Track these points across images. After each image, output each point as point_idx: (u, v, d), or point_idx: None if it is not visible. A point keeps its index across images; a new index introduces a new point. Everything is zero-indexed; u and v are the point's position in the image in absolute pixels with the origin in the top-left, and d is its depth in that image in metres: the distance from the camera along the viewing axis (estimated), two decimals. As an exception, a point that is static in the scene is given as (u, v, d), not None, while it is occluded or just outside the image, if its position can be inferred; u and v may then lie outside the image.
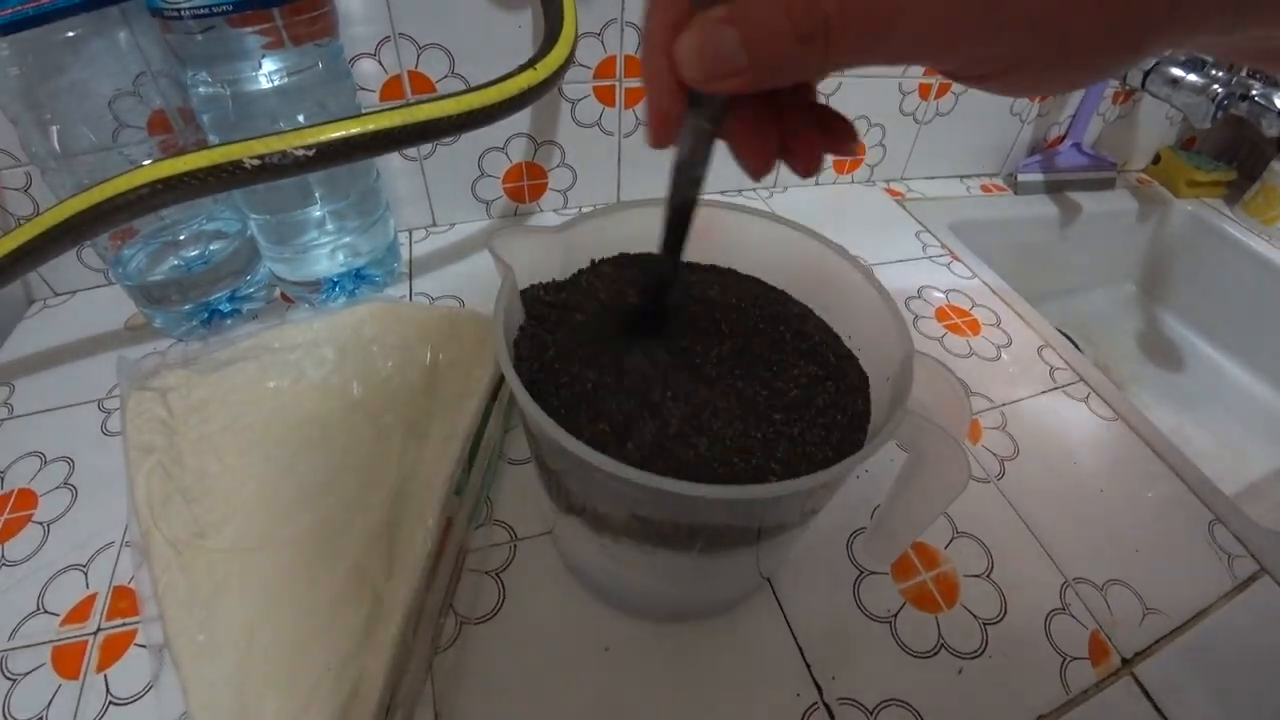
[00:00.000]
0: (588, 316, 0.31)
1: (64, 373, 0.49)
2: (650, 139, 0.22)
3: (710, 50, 0.18)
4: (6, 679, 0.33)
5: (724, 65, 0.17)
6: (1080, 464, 0.46)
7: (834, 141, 0.23)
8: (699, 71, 0.18)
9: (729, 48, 0.17)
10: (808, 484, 0.22)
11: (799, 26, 0.16)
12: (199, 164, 0.37)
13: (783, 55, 0.17)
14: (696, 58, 0.18)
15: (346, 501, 0.34)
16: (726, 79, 0.18)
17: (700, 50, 0.18)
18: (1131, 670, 0.36)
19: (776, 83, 0.18)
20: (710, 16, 0.17)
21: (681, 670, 0.34)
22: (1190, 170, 0.82)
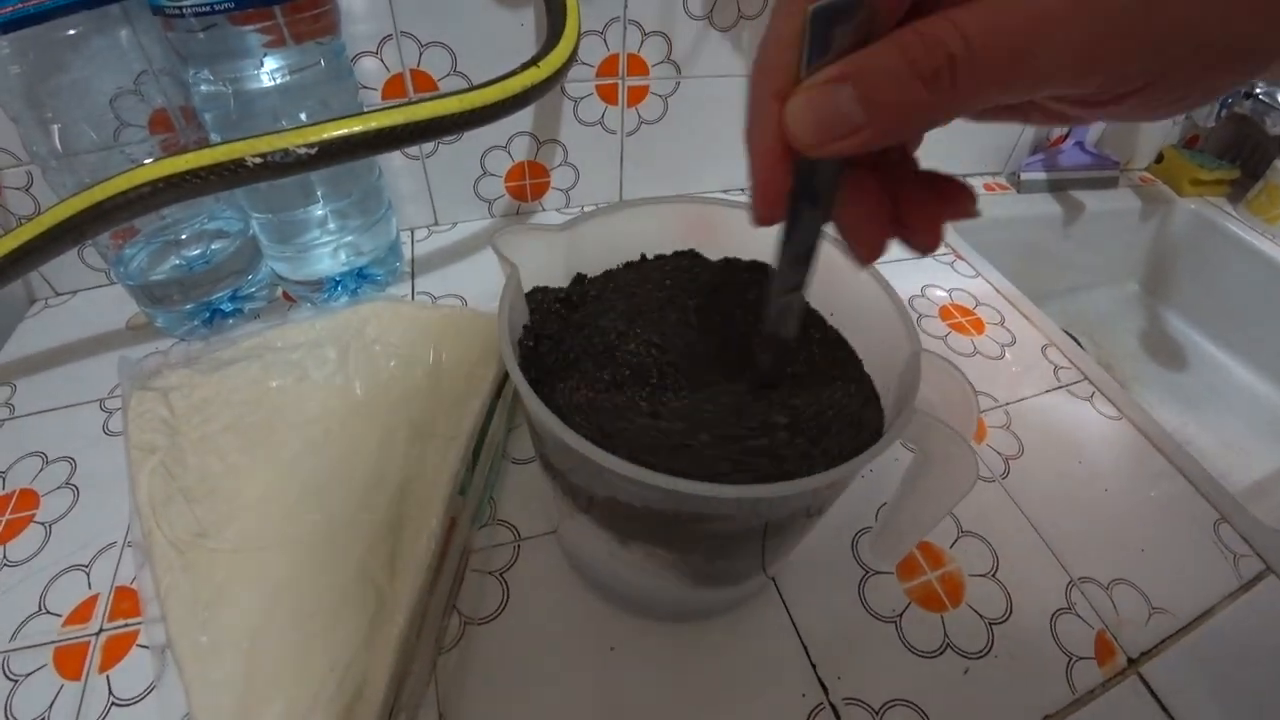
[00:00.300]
0: (593, 316, 0.30)
1: (65, 372, 0.49)
2: (756, 216, 0.21)
3: (824, 109, 0.17)
4: (9, 680, 0.33)
5: (840, 124, 0.16)
6: (1085, 463, 0.46)
7: (952, 207, 0.21)
8: (812, 133, 0.17)
9: (844, 105, 0.16)
10: (815, 484, 0.22)
11: (921, 68, 0.15)
12: (201, 162, 0.36)
13: (906, 102, 0.16)
14: (809, 118, 0.17)
15: (349, 502, 0.34)
16: (844, 139, 0.17)
17: (813, 110, 0.17)
18: (1138, 670, 0.36)
19: (901, 136, 0.17)
20: (821, 76, 0.16)
21: (687, 670, 0.34)
22: (1193, 169, 0.82)
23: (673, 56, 0.58)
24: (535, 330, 0.30)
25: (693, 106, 0.62)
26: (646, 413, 0.26)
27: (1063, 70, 0.15)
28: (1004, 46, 0.15)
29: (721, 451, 0.24)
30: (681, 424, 0.25)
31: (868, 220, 0.21)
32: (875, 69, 0.16)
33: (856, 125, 0.16)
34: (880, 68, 0.16)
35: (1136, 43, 0.15)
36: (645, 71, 0.58)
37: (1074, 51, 0.15)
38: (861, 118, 0.16)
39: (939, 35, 0.15)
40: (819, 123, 0.17)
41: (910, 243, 0.21)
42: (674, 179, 0.68)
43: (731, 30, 0.58)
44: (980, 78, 0.15)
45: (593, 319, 0.31)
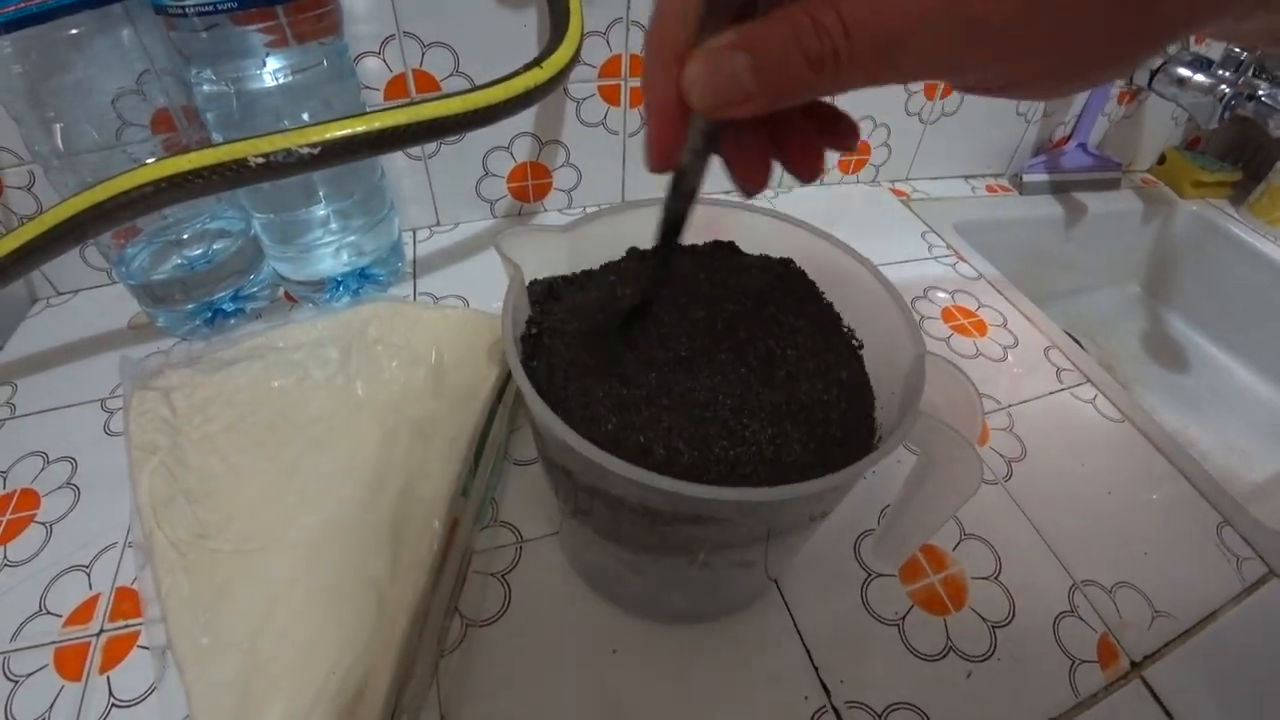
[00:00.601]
0: (596, 316, 0.30)
1: (67, 372, 0.49)
2: (651, 165, 0.22)
3: (720, 77, 0.18)
4: (9, 680, 0.33)
5: (734, 92, 0.18)
6: (1088, 465, 0.46)
7: (833, 139, 0.22)
8: (709, 99, 0.18)
9: (740, 74, 0.17)
10: (819, 487, 0.21)
11: (809, 52, 0.16)
12: (203, 162, 0.36)
13: (793, 80, 0.17)
14: (707, 85, 0.18)
15: (351, 503, 0.34)
16: (738, 105, 0.18)
17: (710, 77, 0.18)
18: (1141, 674, 0.36)
19: (785, 105, 0.18)
20: (718, 44, 0.17)
21: (689, 673, 0.34)
22: (1195, 171, 0.82)
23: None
24: (537, 320, 0.30)
25: (695, 107, 0.62)
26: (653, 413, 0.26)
27: (933, 65, 0.16)
28: (880, 43, 0.16)
29: (727, 453, 0.24)
30: (687, 426, 0.25)
31: (751, 155, 0.22)
32: (769, 44, 0.17)
33: (749, 93, 0.17)
34: (774, 44, 0.17)
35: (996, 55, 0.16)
36: (648, 72, 0.58)
37: (941, 56, 0.16)
38: (753, 87, 0.17)
39: (826, 23, 0.16)
40: (715, 89, 0.18)
41: (793, 171, 0.23)
42: (676, 180, 0.68)
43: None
44: (860, 67, 0.16)
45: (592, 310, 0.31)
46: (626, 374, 0.27)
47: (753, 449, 0.25)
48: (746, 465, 0.24)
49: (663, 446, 0.24)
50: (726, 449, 0.24)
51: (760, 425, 0.25)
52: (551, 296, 0.32)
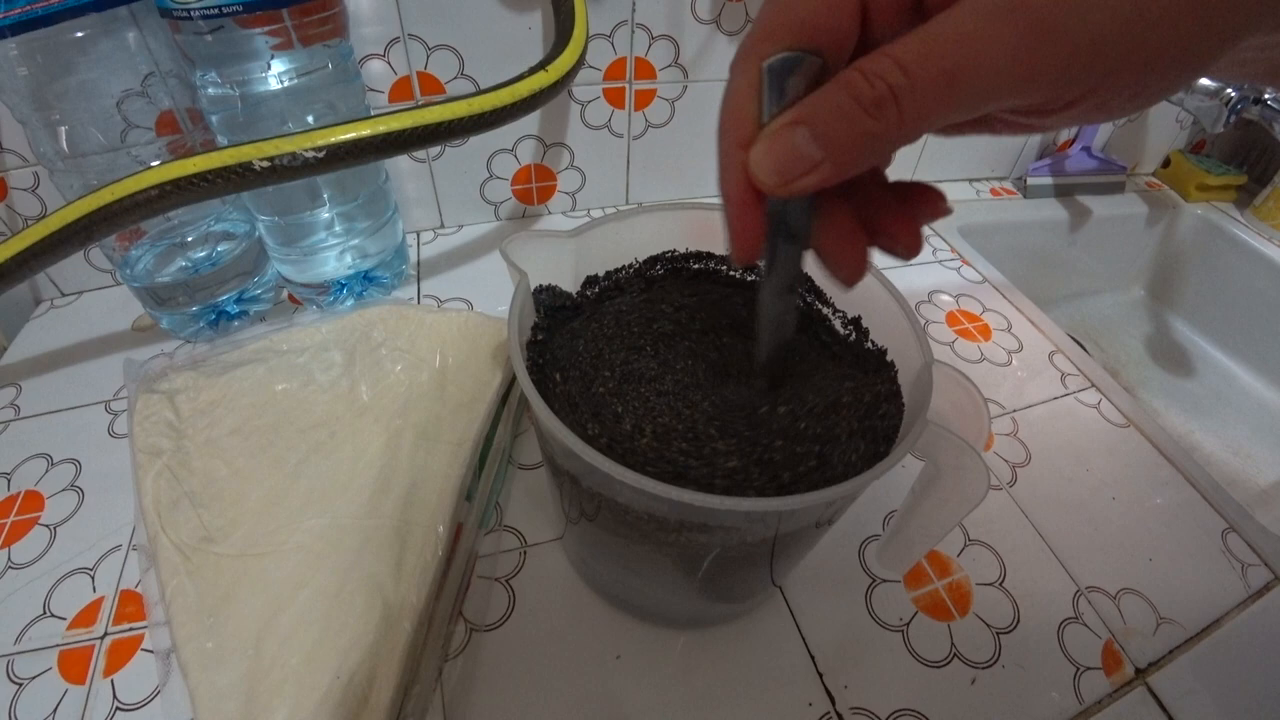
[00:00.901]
0: (603, 322, 0.30)
1: (71, 374, 0.49)
2: (736, 257, 0.22)
3: (783, 152, 0.18)
4: (13, 683, 0.33)
5: (799, 163, 0.18)
6: (1092, 471, 0.46)
7: (926, 209, 0.22)
8: (775, 175, 0.18)
9: (801, 145, 0.17)
10: (827, 497, 0.21)
11: (864, 99, 0.16)
12: (208, 166, 0.36)
13: (856, 134, 0.17)
14: (770, 162, 0.18)
15: (355, 507, 0.34)
16: (805, 176, 0.18)
17: (773, 153, 0.18)
18: (1145, 681, 0.35)
19: (859, 167, 0.18)
20: (777, 124, 0.18)
21: (693, 679, 0.34)
22: (1200, 174, 0.82)
23: (680, 60, 0.58)
24: (544, 325, 0.30)
25: (700, 110, 0.62)
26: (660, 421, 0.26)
27: (999, 87, 0.16)
28: (938, 71, 0.16)
29: (734, 462, 0.24)
30: (694, 433, 0.25)
31: (844, 243, 0.22)
32: (825, 108, 0.17)
33: (815, 162, 0.17)
34: (830, 107, 0.17)
35: (1062, 54, 0.15)
36: (653, 75, 0.58)
37: (1007, 71, 0.16)
38: (819, 154, 0.17)
39: (878, 69, 0.16)
40: (780, 164, 0.18)
41: (893, 251, 0.22)
42: (681, 183, 0.68)
43: (739, 34, 0.58)
44: (922, 102, 0.16)
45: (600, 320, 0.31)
46: (634, 383, 0.27)
47: (762, 457, 0.25)
48: (757, 474, 0.24)
49: (669, 455, 0.24)
50: (734, 458, 0.24)
51: (768, 435, 0.25)
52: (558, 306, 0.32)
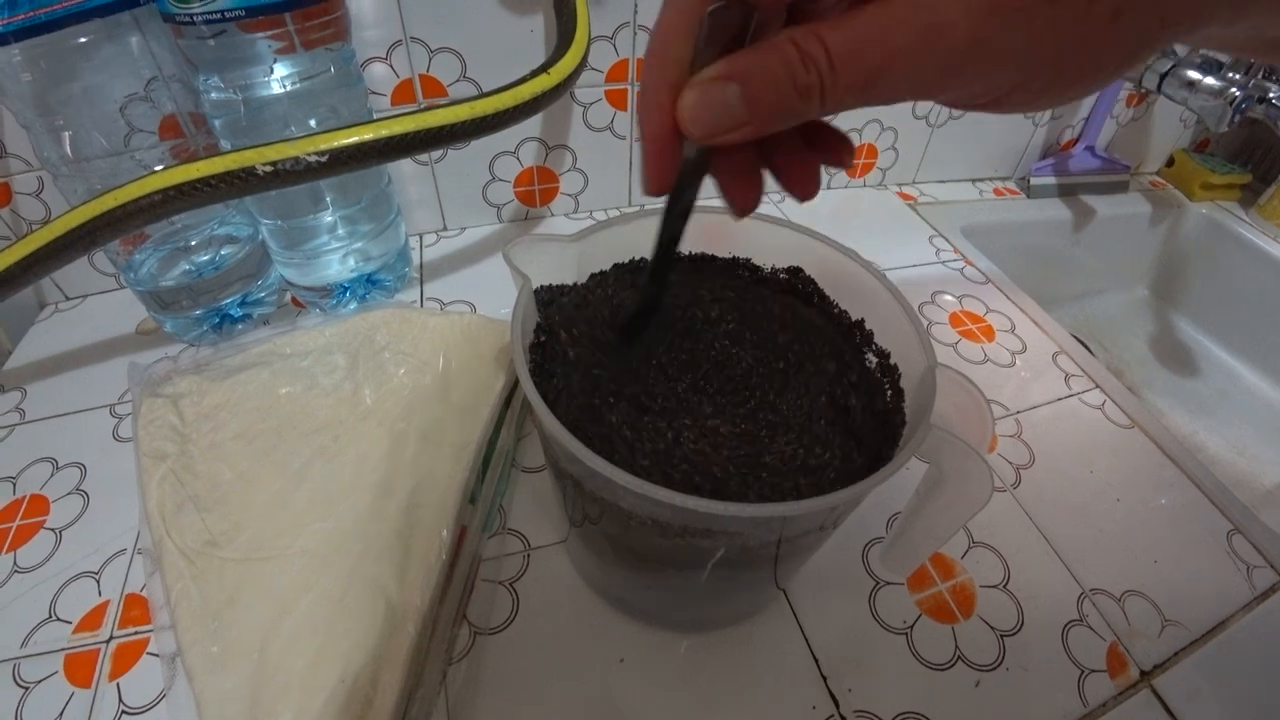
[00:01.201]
0: (605, 325, 0.30)
1: (75, 377, 0.49)
2: (647, 189, 0.23)
3: (714, 107, 0.18)
4: (19, 687, 0.33)
5: (727, 120, 0.18)
6: (1096, 472, 0.46)
7: (827, 155, 0.23)
8: (704, 127, 0.19)
9: (732, 104, 0.18)
10: (831, 502, 0.21)
11: (797, 81, 0.17)
12: (211, 171, 0.37)
13: (783, 108, 0.18)
14: (701, 114, 0.19)
15: (359, 511, 0.34)
16: (730, 132, 0.19)
17: (704, 107, 0.19)
18: (1150, 683, 0.35)
19: (774, 130, 0.19)
20: (710, 75, 0.18)
21: (696, 682, 0.34)
22: (1205, 173, 0.81)
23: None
24: (545, 328, 0.30)
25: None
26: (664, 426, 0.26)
27: (914, 91, 0.18)
28: (862, 75, 0.17)
29: (738, 467, 0.24)
30: (698, 438, 0.25)
31: (740, 179, 0.23)
32: (760, 72, 0.18)
33: (741, 121, 0.18)
34: (764, 72, 0.18)
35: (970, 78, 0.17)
36: (655, 77, 0.58)
37: (917, 81, 0.17)
38: (745, 115, 0.18)
39: (812, 53, 0.17)
40: (710, 118, 0.19)
41: (789, 189, 0.23)
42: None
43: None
44: (841, 95, 0.17)
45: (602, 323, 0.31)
46: (636, 388, 0.27)
47: (766, 462, 0.25)
48: (758, 479, 0.24)
49: (673, 461, 0.24)
50: (737, 463, 0.24)
51: (771, 439, 0.25)
52: (559, 303, 0.32)
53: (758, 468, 0.25)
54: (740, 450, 0.25)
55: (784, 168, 0.23)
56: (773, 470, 0.25)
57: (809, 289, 0.34)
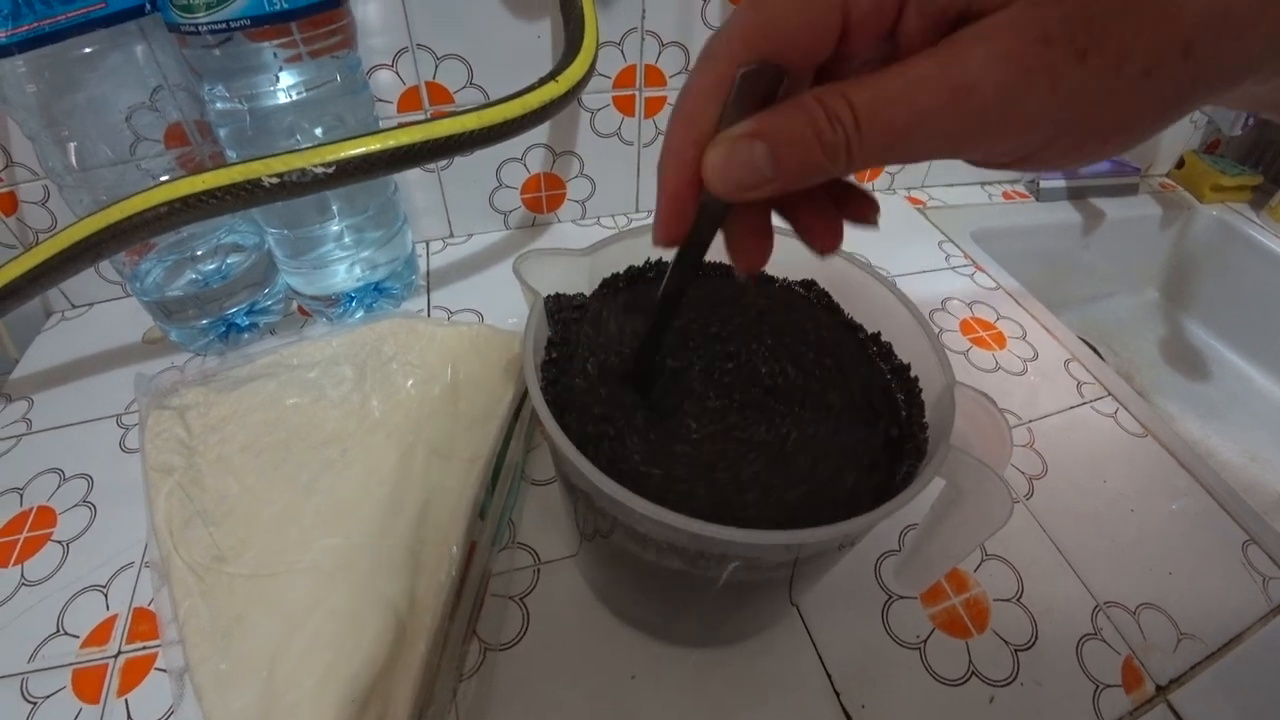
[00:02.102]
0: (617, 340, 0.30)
1: (82, 387, 0.49)
2: (659, 240, 0.23)
3: (739, 164, 0.18)
4: (27, 702, 0.33)
5: (753, 177, 0.18)
6: (1110, 482, 0.45)
7: (852, 211, 0.23)
8: (730, 184, 0.19)
9: (758, 161, 0.18)
10: (848, 529, 0.21)
11: (824, 140, 0.17)
12: (217, 183, 0.36)
13: (809, 167, 0.18)
14: (727, 171, 0.19)
15: (368, 526, 0.34)
16: (756, 189, 0.19)
17: (730, 164, 0.19)
18: (1167, 698, 0.35)
19: (800, 187, 0.19)
20: (737, 133, 0.18)
21: (709, 698, 0.33)
22: (1215, 174, 0.81)
23: (691, 67, 0.57)
24: (557, 344, 0.30)
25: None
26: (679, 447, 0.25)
27: (936, 152, 0.18)
28: (888, 131, 0.17)
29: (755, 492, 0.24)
30: (713, 459, 0.25)
31: (752, 238, 0.23)
32: (786, 131, 0.18)
33: (766, 178, 0.18)
34: (790, 130, 0.18)
35: (999, 137, 0.17)
36: (663, 82, 0.58)
37: (945, 141, 0.17)
38: (771, 172, 0.18)
39: (839, 112, 0.17)
40: (735, 174, 0.19)
41: (810, 243, 0.23)
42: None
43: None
44: (868, 154, 0.17)
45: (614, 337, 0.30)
46: (650, 408, 0.27)
47: (783, 484, 0.24)
48: (777, 502, 0.24)
49: (688, 484, 0.24)
50: (756, 484, 0.24)
51: (791, 458, 0.25)
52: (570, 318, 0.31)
53: (775, 489, 0.24)
54: (758, 469, 0.25)
55: (806, 222, 0.23)
56: (793, 491, 0.24)
57: (823, 302, 0.34)
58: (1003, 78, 0.16)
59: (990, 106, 0.16)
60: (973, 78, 0.16)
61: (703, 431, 0.26)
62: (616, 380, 0.28)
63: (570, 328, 0.31)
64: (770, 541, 0.20)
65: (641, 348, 0.28)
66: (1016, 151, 0.18)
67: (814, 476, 0.25)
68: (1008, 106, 0.16)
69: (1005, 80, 0.16)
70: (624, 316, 0.31)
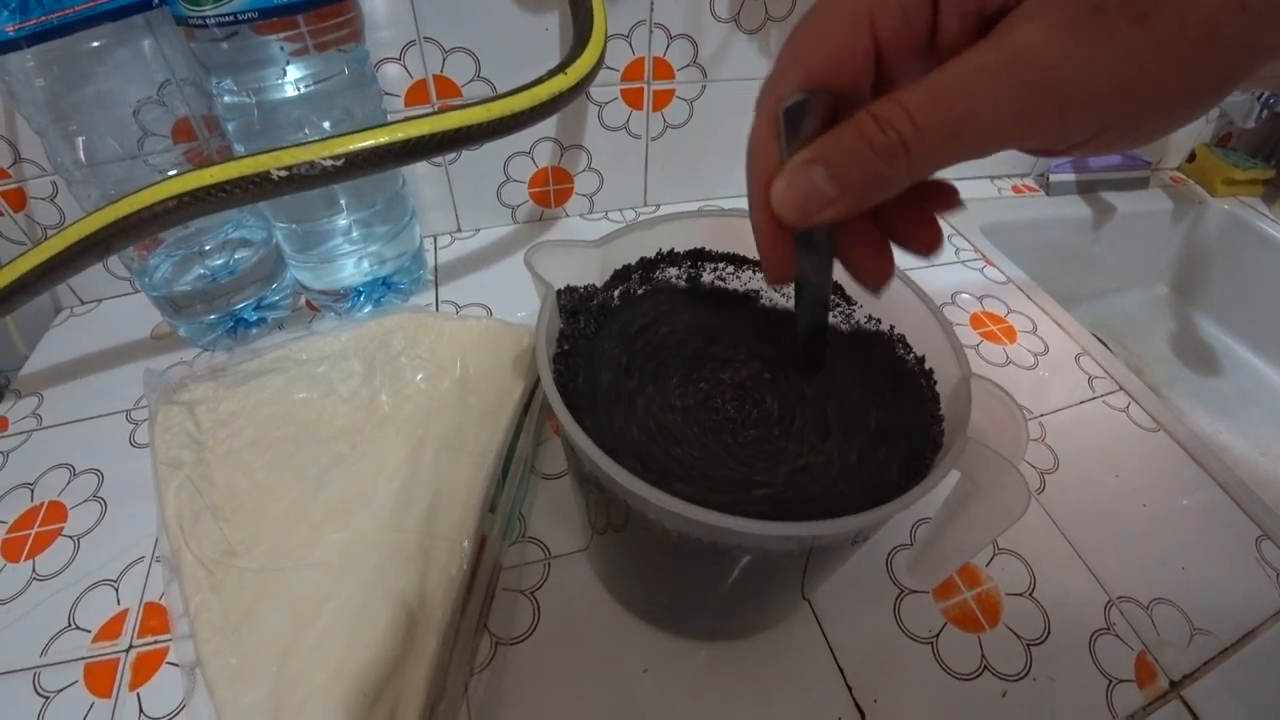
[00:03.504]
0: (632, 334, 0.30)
1: (91, 383, 0.49)
2: (771, 279, 0.24)
3: (802, 190, 0.19)
4: (40, 696, 0.33)
5: (816, 199, 0.19)
6: (1122, 477, 0.45)
7: (938, 202, 0.23)
8: (795, 211, 0.20)
9: (819, 183, 0.18)
10: (864, 522, 0.21)
11: (876, 145, 0.17)
12: (225, 176, 0.36)
13: (868, 176, 0.18)
14: (790, 199, 0.19)
15: (379, 521, 0.34)
16: (822, 211, 0.19)
17: (793, 191, 0.19)
18: (1180, 693, 0.35)
19: (870, 202, 0.19)
20: (795, 162, 0.19)
21: (721, 692, 0.33)
22: (1227, 168, 0.80)
23: (699, 60, 0.57)
24: (569, 336, 0.29)
25: (719, 110, 0.61)
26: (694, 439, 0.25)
27: (999, 139, 0.17)
28: (943, 123, 0.17)
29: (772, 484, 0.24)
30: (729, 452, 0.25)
31: (867, 253, 0.23)
32: (840, 149, 0.18)
33: (830, 199, 0.19)
34: (844, 148, 0.18)
35: (1061, 112, 0.16)
36: (671, 75, 0.58)
37: (1007, 125, 0.17)
38: (834, 192, 0.19)
39: (889, 116, 0.17)
40: (799, 200, 0.19)
41: (914, 250, 0.23)
42: (699, 184, 0.67)
43: (758, 33, 0.57)
44: (929, 152, 0.17)
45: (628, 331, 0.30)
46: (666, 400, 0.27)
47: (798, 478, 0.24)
48: (793, 495, 0.24)
49: (703, 475, 0.24)
50: (769, 477, 0.24)
51: (805, 451, 0.25)
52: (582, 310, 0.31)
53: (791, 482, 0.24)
54: (776, 464, 0.24)
55: (902, 229, 0.23)
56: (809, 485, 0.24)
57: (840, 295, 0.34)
58: (1062, 47, 0.15)
59: (1052, 78, 0.16)
60: (1030, 53, 0.15)
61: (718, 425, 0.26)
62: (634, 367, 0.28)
63: (581, 320, 0.31)
64: (785, 534, 0.20)
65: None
66: (1082, 131, 0.17)
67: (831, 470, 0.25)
68: (1071, 75, 0.15)
69: (1065, 49, 0.15)
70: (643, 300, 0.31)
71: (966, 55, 0.16)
